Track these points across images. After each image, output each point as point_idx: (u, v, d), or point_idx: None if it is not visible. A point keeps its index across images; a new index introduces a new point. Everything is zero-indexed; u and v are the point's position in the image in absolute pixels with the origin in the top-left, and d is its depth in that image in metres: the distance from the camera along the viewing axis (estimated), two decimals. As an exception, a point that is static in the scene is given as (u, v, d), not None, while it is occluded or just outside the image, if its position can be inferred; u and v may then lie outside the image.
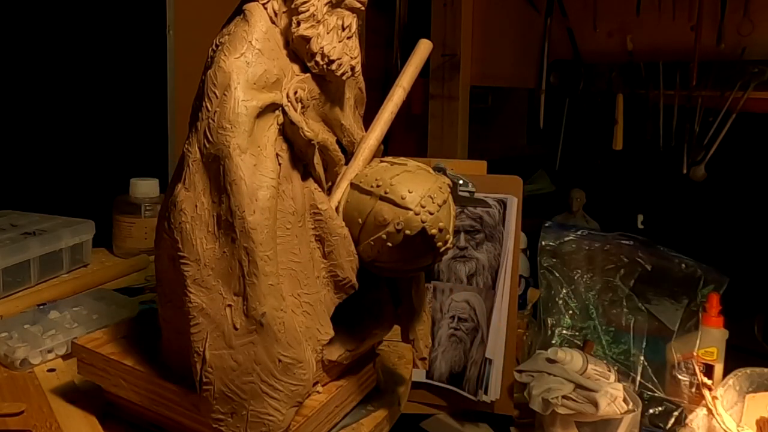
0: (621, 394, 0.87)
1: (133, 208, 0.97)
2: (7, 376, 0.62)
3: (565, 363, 0.92)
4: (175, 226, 0.44)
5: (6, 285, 0.80)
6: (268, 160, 0.44)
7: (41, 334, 0.67)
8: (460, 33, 1.76)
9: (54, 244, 0.87)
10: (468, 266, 1.04)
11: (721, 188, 1.46)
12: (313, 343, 0.46)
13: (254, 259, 0.42)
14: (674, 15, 1.49)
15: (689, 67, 1.44)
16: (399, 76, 0.55)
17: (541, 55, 1.72)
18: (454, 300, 1.04)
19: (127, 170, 1.03)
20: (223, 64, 0.44)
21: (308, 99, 0.47)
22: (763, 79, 1.38)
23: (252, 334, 0.42)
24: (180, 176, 0.45)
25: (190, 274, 0.43)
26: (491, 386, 0.99)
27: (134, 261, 0.95)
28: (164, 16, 1.25)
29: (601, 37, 1.62)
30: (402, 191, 0.46)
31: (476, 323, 1.02)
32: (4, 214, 0.94)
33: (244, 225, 0.42)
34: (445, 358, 1.02)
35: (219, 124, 0.43)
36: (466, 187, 0.88)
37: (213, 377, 0.42)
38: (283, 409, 0.43)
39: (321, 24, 0.46)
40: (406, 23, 1.86)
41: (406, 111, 1.76)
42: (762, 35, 1.39)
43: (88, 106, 1.15)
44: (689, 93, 1.46)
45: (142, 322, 0.58)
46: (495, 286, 1.02)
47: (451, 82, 1.78)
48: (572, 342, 1.11)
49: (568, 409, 0.87)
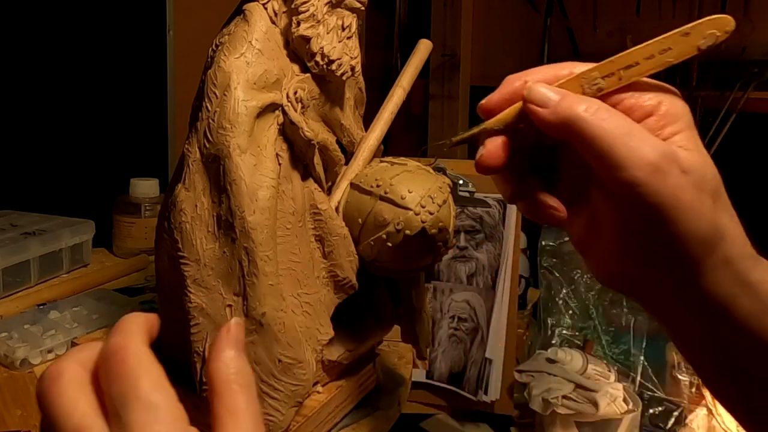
0: (621, 394, 0.87)
1: (133, 208, 0.97)
2: (7, 376, 0.62)
3: (565, 363, 0.92)
4: (175, 226, 0.44)
5: (6, 285, 0.80)
6: (268, 160, 0.44)
7: (41, 334, 0.67)
8: (460, 33, 1.76)
9: (54, 244, 0.87)
10: (468, 266, 1.04)
11: (721, 188, 1.46)
12: (313, 343, 0.46)
13: (254, 259, 0.42)
14: (674, 15, 1.49)
15: (689, 67, 1.44)
16: (399, 76, 0.55)
17: (541, 55, 1.71)
18: (454, 300, 1.04)
19: (127, 170, 1.03)
20: (223, 64, 0.44)
21: (308, 99, 0.47)
22: (763, 79, 1.38)
23: (252, 334, 0.42)
24: (180, 176, 0.45)
25: (190, 274, 0.43)
26: (491, 386, 0.99)
27: (134, 261, 0.95)
28: (164, 16, 1.25)
29: (601, 37, 1.61)
30: (402, 191, 0.46)
31: (476, 323, 1.02)
32: (4, 214, 0.94)
33: (244, 225, 0.42)
34: (445, 358, 1.02)
35: (219, 124, 0.43)
36: (466, 187, 0.88)
37: (213, 377, 0.42)
38: (283, 409, 0.43)
39: (321, 24, 0.46)
40: (406, 23, 1.86)
41: (406, 111, 1.76)
42: (762, 35, 1.39)
43: (88, 106, 1.15)
44: (689, 93, 1.46)
45: (142, 322, 0.58)
46: (495, 286, 1.02)
47: (451, 82, 1.78)
48: (572, 342, 1.11)
49: (568, 409, 0.87)
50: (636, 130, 0.32)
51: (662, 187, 0.31)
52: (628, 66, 0.34)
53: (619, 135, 0.32)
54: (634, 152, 0.31)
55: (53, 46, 1.10)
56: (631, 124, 0.33)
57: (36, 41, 1.08)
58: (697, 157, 0.33)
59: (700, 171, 0.32)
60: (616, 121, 0.32)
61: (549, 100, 0.34)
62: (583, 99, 0.34)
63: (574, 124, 0.33)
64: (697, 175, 0.32)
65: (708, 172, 0.33)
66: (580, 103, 0.33)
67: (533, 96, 0.35)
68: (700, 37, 0.33)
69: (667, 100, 0.34)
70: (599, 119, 0.32)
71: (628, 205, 0.33)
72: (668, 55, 0.33)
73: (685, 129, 0.34)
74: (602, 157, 0.32)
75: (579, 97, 0.34)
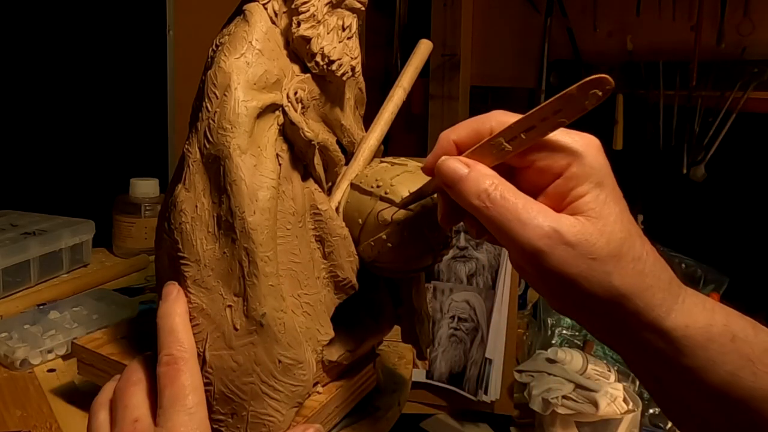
0: (621, 394, 0.87)
1: (133, 208, 0.97)
2: (7, 376, 0.62)
3: (565, 363, 0.93)
4: (175, 227, 0.44)
5: (6, 285, 0.80)
6: (268, 161, 0.44)
7: (41, 334, 0.67)
8: (460, 33, 1.76)
9: (54, 244, 0.87)
10: (468, 266, 1.04)
11: (721, 188, 1.46)
12: (314, 343, 0.46)
13: (254, 259, 0.42)
14: (674, 15, 1.49)
15: (689, 67, 1.44)
16: (399, 77, 0.55)
17: (541, 55, 1.72)
18: (454, 300, 1.04)
19: (127, 170, 1.03)
20: (223, 64, 0.44)
21: (308, 99, 0.47)
22: (763, 79, 1.38)
23: (252, 334, 0.42)
24: (180, 176, 0.45)
25: (190, 275, 0.43)
26: (491, 386, 0.99)
27: (134, 261, 0.95)
28: (164, 16, 1.25)
29: (601, 37, 1.61)
30: (402, 192, 0.46)
31: (476, 323, 1.02)
32: (4, 214, 0.94)
33: (245, 225, 0.42)
34: (445, 358, 1.02)
35: (219, 124, 0.43)
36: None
37: (213, 378, 0.42)
38: (283, 409, 0.43)
39: (321, 24, 0.46)
40: (406, 23, 1.86)
41: (406, 111, 1.76)
42: (762, 35, 1.39)
43: (88, 106, 1.15)
44: (689, 93, 1.46)
45: (142, 322, 0.58)
46: (495, 286, 1.02)
47: (451, 82, 1.79)
48: (572, 342, 1.11)
49: (568, 409, 0.87)
50: (522, 212, 0.35)
51: (548, 265, 0.34)
52: (527, 129, 0.36)
53: (506, 221, 0.35)
54: (519, 237, 0.35)
55: (53, 46, 1.10)
56: (518, 206, 0.35)
57: (36, 41, 1.08)
58: (586, 226, 0.35)
59: (588, 241, 0.34)
60: (504, 207, 0.35)
61: (456, 179, 0.37)
62: (485, 177, 0.36)
63: (472, 210, 0.36)
64: (585, 246, 0.34)
65: (599, 240, 0.35)
66: (480, 183, 0.36)
67: (442, 174, 0.38)
68: (584, 98, 0.34)
69: (577, 160, 0.36)
70: (489, 207, 0.35)
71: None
72: (560, 116, 0.35)
73: (592, 189, 0.36)
74: (498, 238, 0.36)
75: (482, 175, 0.37)
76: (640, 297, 0.35)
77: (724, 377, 0.36)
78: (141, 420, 0.40)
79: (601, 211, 0.35)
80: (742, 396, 0.36)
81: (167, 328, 0.42)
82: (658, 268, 0.36)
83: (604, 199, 0.36)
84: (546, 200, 0.36)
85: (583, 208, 0.35)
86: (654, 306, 0.35)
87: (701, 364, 0.36)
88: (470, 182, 0.36)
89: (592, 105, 0.34)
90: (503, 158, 0.37)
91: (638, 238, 0.36)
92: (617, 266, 0.35)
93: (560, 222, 0.35)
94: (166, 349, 0.41)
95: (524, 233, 0.34)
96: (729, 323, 0.37)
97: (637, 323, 0.36)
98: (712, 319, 0.36)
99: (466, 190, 0.36)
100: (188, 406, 0.39)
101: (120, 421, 0.40)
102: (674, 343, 0.36)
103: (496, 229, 0.36)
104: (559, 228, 0.34)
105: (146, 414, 0.40)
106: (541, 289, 0.38)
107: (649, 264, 0.36)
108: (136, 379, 0.42)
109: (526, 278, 0.38)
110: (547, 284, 0.36)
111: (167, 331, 0.42)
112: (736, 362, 0.36)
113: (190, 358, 0.41)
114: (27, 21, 1.07)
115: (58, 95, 1.12)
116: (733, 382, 0.36)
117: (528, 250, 0.35)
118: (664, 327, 0.35)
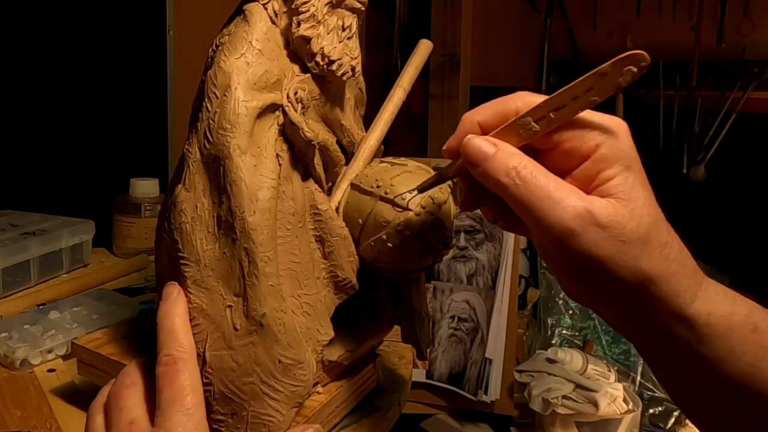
0: (621, 394, 0.87)
1: (133, 208, 0.97)
2: (7, 376, 0.62)
3: (565, 363, 0.93)
4: (175, 227, 0.44)
5: (6, 285, 0.80)
6: (268, 161, 0.44)
7: (41, 334, 0.67)
8: (460, 33, 1.76)
9: (54, 244, 0.87)
10: (468, 266, 1.04)
11: (721, 188, 1.46)
12: (314, 343, 0.46)
13: (254, 259, 0.42)
14: (674, 15, 1.49)
15: (689, 67, 1.44)
16: (399, 77, 0.55)
17: (541, 55, 1.71)
18: (454, 300, 1.04)
19: (127, 170, 1.03)
20: (223, 64, 0.44)
21: (308, 99, 0.47)
22: (763, 79, 1.38)
23: (252, 334, 0.42)
24: (180, 177, 0.45)
25: (190, 275, 0.43)
26: (491, 386, 0.99)
27: (134, 261, 0.95)
28: (164, 16, 1.25)
29: (601, 37, 1.61)
30: (402, 192, 0.46)
31: (476, 323, 1.02)
32: (4, 214, 0.94)
33: (245, 226, 0.42)
34: (445, 358, 1.02)
35: (219, 124, 0.43)
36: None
37: (213, 378, 0.42)
38: (283, 410, 0.43)
39: (321, 24, 0.46)
40: (406, 23, 1.86)
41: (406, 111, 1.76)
42: (762, 35, 1.39)
43: (88, 106, 1.15)
44: (689, 93, 1.46)
45: (142, 322, 0.58)
46: (495, 286, 1.02)
47: (451, 82, 1.78)
48: (572, 342, 1.11)
49: (568, 409, 0.87)
50: (554, 192, 0.34)
51: (577, 246, 0.34)
52: (557, 108, 0.35)
53: (536, 200, 0.34)
54: (549, 216, 0.34)
55: (53, 46, 1.10)
56: (550, 186, 0.34)
57: (36, 41, 1.08)
58: (617, 208, 0.34)
59: (619, 223, 0.34)
60: (535, 185, 0.34)
61: (482, 157, 0.36)
62: (513, 156, 0.35)
63: (499, 188, 0.35)
64: (616, 229, 0.34)
65: (630, 223, 0.34)
66: (509, 161, 0.35)
67: (467, 153, 0.37)
68: (617, 75, 0.34)
69: (607, 141, 0.35)
70: (519, 185, 0.35)
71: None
72: (592, 94, 0.34)
73: (621, 172, 0.35)
74: (525, 218, 0.35)
75: (509, 155, 0.36)
76: (666, 282, 0.34)
77: (743, 368, 0.35)
78: (137, 422, 0.40)
79: (630, 194, 0.35)
80: (761, 388, 0.35)
81: (167, 328, 0.42)
82: (683, 255, 0.36)
83: (632, 182, 0.35)
84: (573, 182, 0.36)
85: (612, 191, 0.35)
86: (679, 292, 0.35)
87: (721, 354, 0.35)
88: (498, 161, 0.35)
89: (626, 82, 0.33)
90: (530, 139, 0.36)
91: (664, 224, 0.36)
92: (645, 250, 0.34)
93: (593, 203, 0.34)
94: (165, 349, 0.41)
95: (555, 212, 0.34)
96: (751, 314, 0.36)
97: (660, 309, 0.35)
98: (733, 309, 0.36)
99: (494, 169, 0.35)
100: (187, 406, 0.39)
101: (115, 424, 0.40)
102: (696, 331, 0.35)
103: (524, 208, 0.35)
104: (592, 209, 0.34)
105: (142, 416, 0.40)
106: (562, 272, 0.37)
107: (675, 250, 0.35)
108: (131, 382, 0.42)
109: (548, 260, 0.38)
110: (571, 266, 0.36)
111: (167, 331, 0.42)
112: (756, 353, 0.35)
113: (189, 358, 0.41)
114: (27, 21, 1.07)
115: (58, 95, 1.12)
116: (752, 373, 0.35)
117: (557, 229, 0.34)
118: (687, 314, 0.35)
